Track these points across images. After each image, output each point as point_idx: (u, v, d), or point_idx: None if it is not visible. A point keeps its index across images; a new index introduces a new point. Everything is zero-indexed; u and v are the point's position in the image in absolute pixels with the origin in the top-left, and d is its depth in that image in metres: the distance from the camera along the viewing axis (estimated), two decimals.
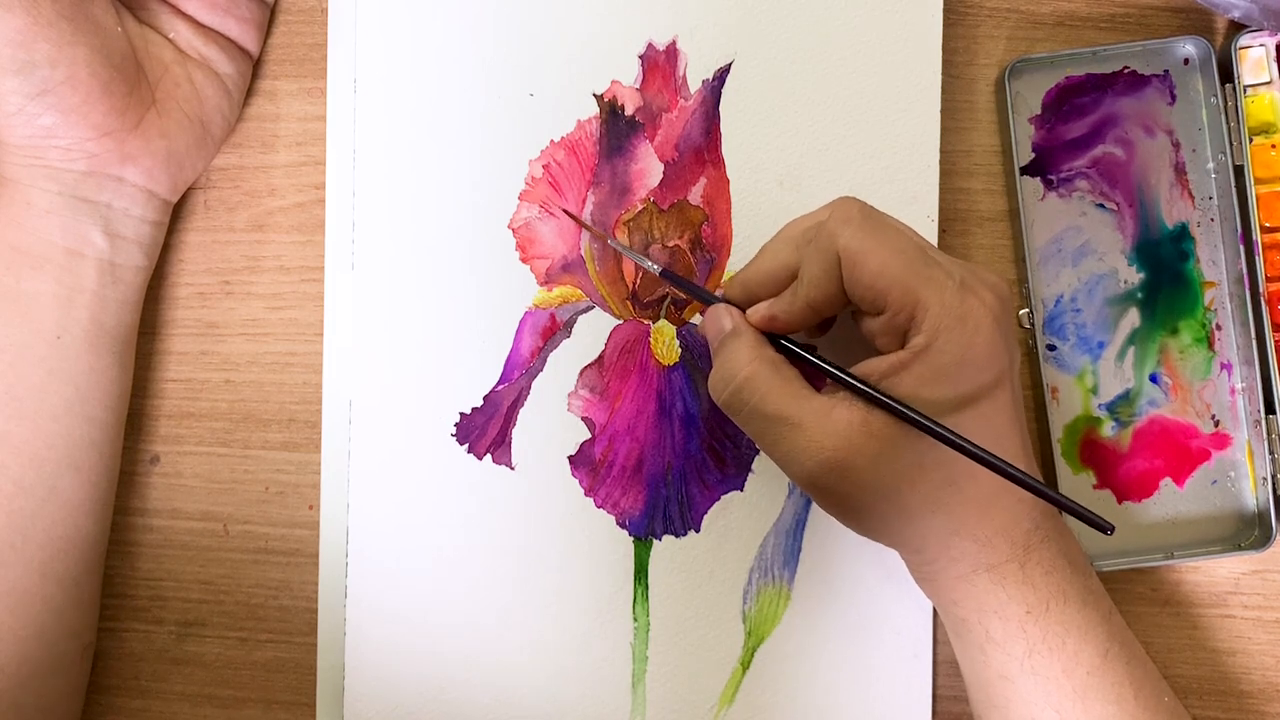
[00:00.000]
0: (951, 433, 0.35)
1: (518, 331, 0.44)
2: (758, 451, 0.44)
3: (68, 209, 0.41)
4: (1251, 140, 0.44)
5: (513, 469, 0.44)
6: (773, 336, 0.39)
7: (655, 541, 0.44)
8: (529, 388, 0.44)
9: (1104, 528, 0.34)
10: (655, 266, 0.41)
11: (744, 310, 0.39)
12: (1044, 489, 0.35)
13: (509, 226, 0.44)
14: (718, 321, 0.39)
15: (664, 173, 0.44)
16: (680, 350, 0.44)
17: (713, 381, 0.38)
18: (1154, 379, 0.45)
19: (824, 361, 0.37)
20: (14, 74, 0.38)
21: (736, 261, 0.44)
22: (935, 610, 0.44)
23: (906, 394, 0.35)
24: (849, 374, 0.36)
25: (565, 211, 0.44)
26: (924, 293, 0.35)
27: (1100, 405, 0.45)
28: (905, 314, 0.35)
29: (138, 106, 0.41)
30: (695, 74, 0.44)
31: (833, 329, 0.40)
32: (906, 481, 0.36)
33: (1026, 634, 0.37)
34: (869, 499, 0.36)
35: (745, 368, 0.37)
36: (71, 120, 0.39)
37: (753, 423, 0.37)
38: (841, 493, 0.36)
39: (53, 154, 0.40)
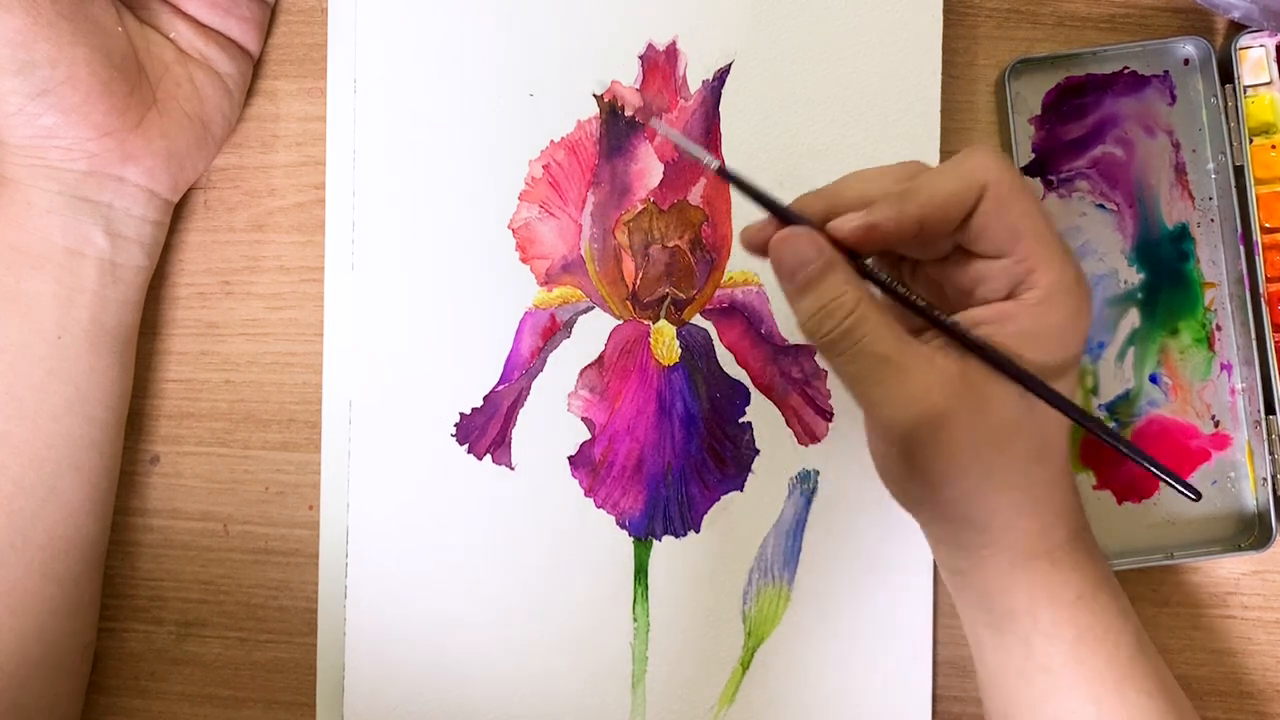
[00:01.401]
0: (1052, 392, 0.33)
1: (518, 332, 0.44)
2: (758, 452, 0.44)
3: (68, 209, 0.41)
4: (1251, 140, 0.44)
5: (513, 469, 0.44)
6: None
7: (655, 542, 0.44)
8: (529, 388, 0.44)
9: (1195, 495, 0.33)
10: (714, 161, 0.36)
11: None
12: (1151, 461, 0.34)
13: (509, 227, 0.44)
14: (804, 253, 0.34)
15: (664, 173, 0.44)
16: (680, 350, 0.44)
17: (815, 317, 0.34)
18: (1154, 379, 0.45)
19: (918, 299, 0.34)
20: (14, 74, 0.38)
21: (737, 262, 0.44)
22: (934, 614, 0.44)
23: (1005, 346, 0.34)
24: (943, 316, 0.34)
25: (650, 122, 0.41)
26: (1050, 251, 0.34)
27: (1100, 405, 0.45)
28: (1026, 266, 0.34)
29: (138, 106, 0.41)
30: (695, 74, 0.44)
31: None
32: (997, 446, 0.34)
33: (1077, 621, 0.36)
34: (957, 461, 0.34)
35: (856, 304, 0.34)
36: (72, 120, 0.39)
37: (856, 363, 0.34)
38: (931, 452, 0.34)
39: (53, 154, 0.40)
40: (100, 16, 0.40)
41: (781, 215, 0.35)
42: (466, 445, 0.44)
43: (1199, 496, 0.34)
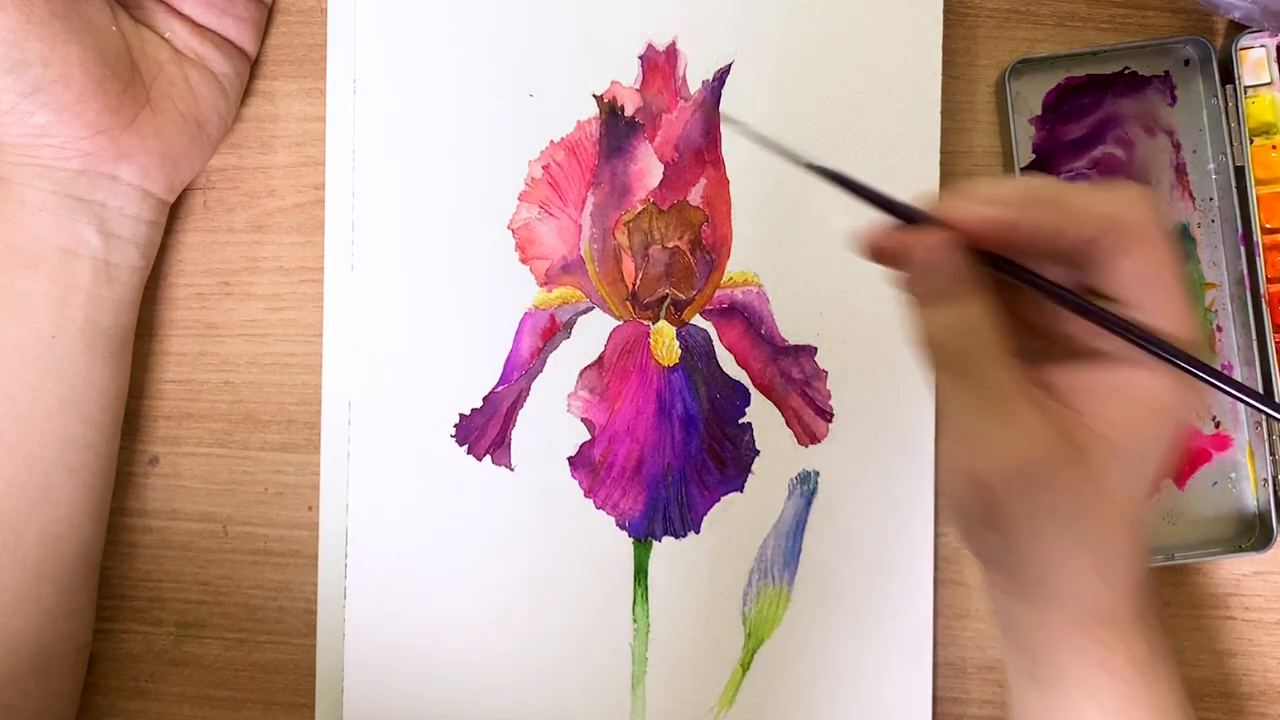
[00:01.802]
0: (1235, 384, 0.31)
1: (517, 332, 0.44)
2: (758, 453, 0.44)
3: (62, 207, 0.41)
4: (1252, 141, 0.43)
5: (512, 470, 0.44)
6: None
7: (655, 543, 0.44)
8: (529, 389, 0.44)
9: None
10: (803, 158, 0.32)
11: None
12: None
13: (509, 227, 0.44)
14: (945, 257, 0.30)
15: (664, 173, 0.44)
16: (680, 351, 0.44)
17: (945, 326, 0.31)
18: None
19: (1080, 299, 0.31)
20: (6, 72, 0.38)
21: (736, 262, 0.44)
22: (934, 614, 0.44)
23: (1138, 419, 0.31)
24: (1096, 305, 0.31)
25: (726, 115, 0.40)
26: (1183, 321, 0.31)
27: None
28: (1149, 319, 0.31)
29: (132, 105, 0.41)
30: (695, 74, 0.44)
31: None
32: (1091, 510, 0.31)
33: (1132, 692, 0.34)
34: (1046, 520, 0.31)
35: (992, 330, 0.30)
36: (65, 119, 0.39)
37: (973, 392, 0.31)
38: (1020, 504, 0.31)
39: (46, 152, 0.40)
40: (94, 15, 0.40)
41: (906, 215, 0.31)
42: (466, 446, 0.44)
43: None
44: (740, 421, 0.44)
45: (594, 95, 0.44)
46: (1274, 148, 0.44)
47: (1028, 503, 0.31)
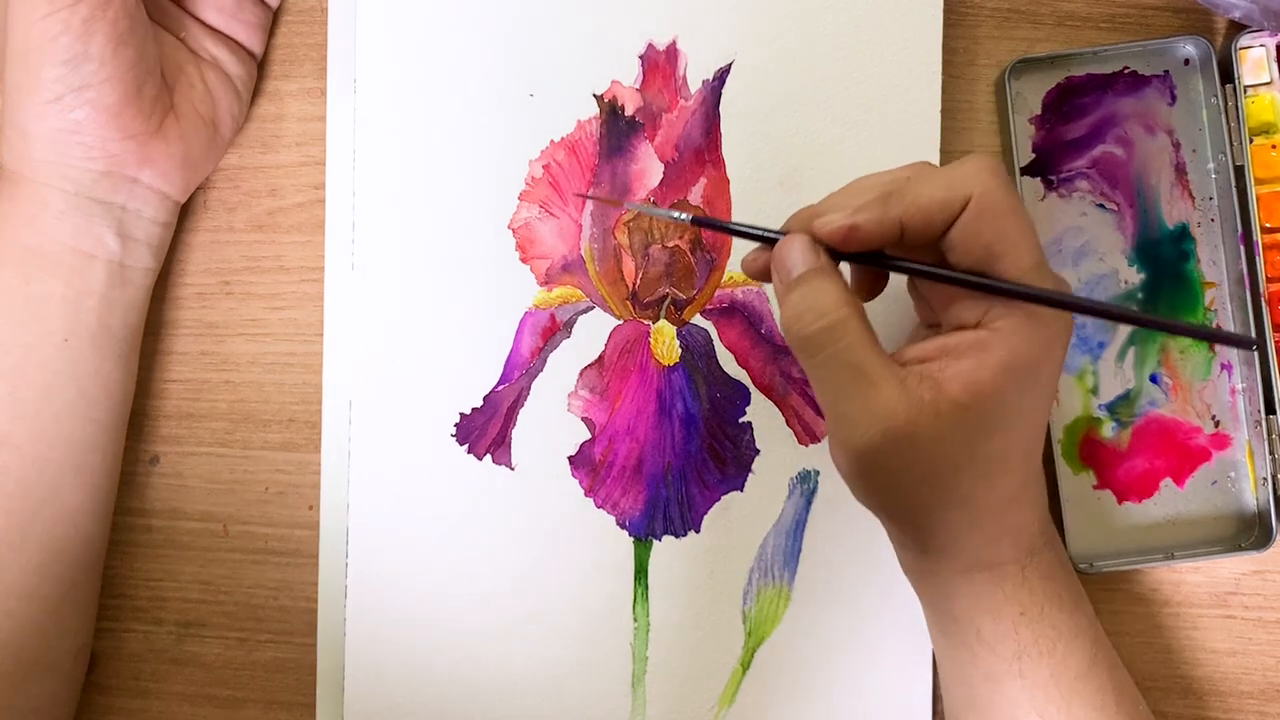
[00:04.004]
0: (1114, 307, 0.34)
1: (518, 332, 0.44)
2: (758, 452, 0.44)
3: (82, 210, 0.41)
4: (1252, 140, 0.44)
5: (513, 469, 0.44)
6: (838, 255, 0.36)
7: (655, 542, 0.44)
8: (529, 388, 0.44)
9: (1248, 344, 0.33)
10: (684, 216, 0.38)
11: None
12: (1178, 324, 0.35)
13: (509, 227, 0.44)
14: (796, 255, 0.35)
15: (664, 173, 0.44)
16: (680, 350, 0.44)
17: (796, 314, 0.35)
18: (1154, 379, 0.45)
19: (939, 268, 0.34)
20: (64, 63, 0.38)
21: (736, 262, 0.44)
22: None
23: (985, 379, 0.33)
24: (966, 274, 0.34)
25: (578, 195, 0.43)
26: (1035, 278, 0.34)
27: (1100, 405, 0.45)
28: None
29: (160, 110, 0.41)
30: (695, 74, 0.44)
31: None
32: (953, 471, 0.34)
33: (1018, 636, 0.36)
34: (911, 480, 0.34)
35: (840, 307, 0.34)
36: (103, 119, 0.39)
37: (830, 368, 0.34)
38: (888, 466, 0.34)
39: (75, 151, 0.40)
40: (146, 20, 0.40)
41: (772, 240, 0.36)
42: (466, 445, 0.44)
43: (1255, 344, 0.33)
44: (740, 421, 0.44)
45: (594, 95, 0.44)
46: (1274, 147, 0.44)
47: (886, 467, 0.34)
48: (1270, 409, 0.43)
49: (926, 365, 0.34)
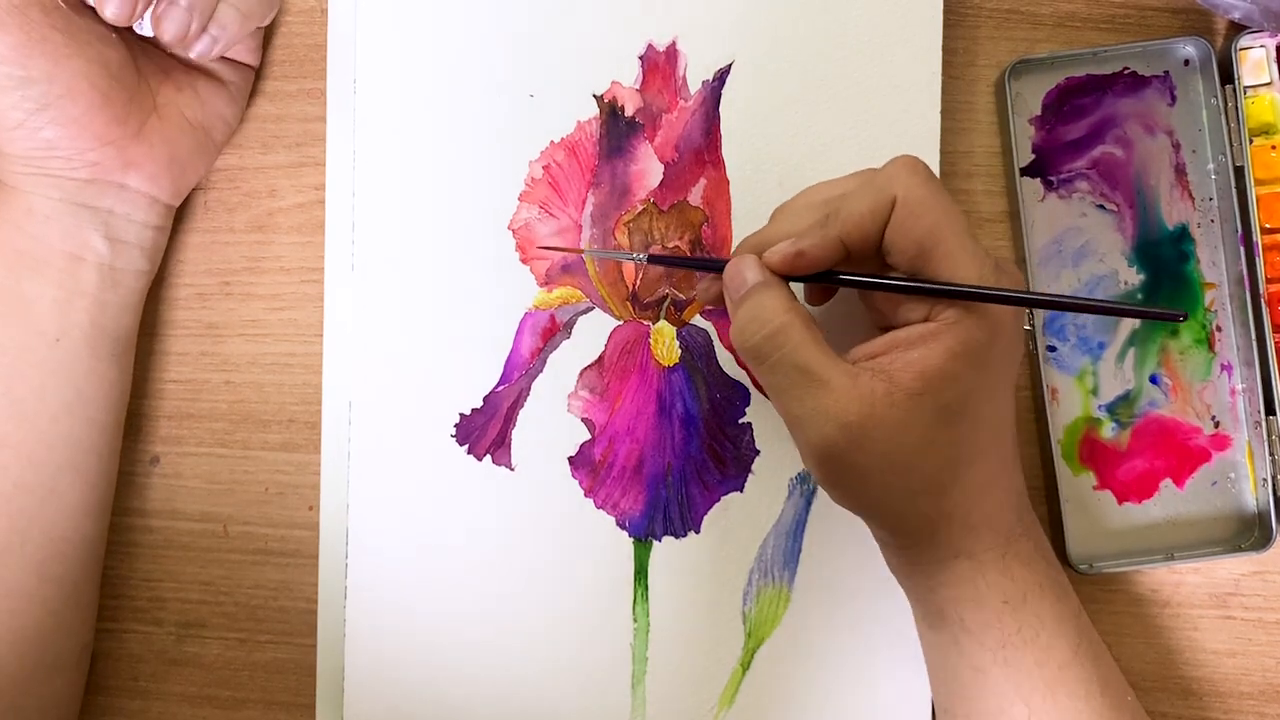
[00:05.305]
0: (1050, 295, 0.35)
1: (517, 332, 0.44)
2: (758, 452, 0.44)
3: (69, 215, 0.41)
4: (1252, 141, 0.44)
5: (512, 470, 0.44)
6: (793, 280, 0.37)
7: (655, 542, 0.44)
8: (529, 389, 0.44)
9: (1176, 317, 0.34)
10: (641, 256, 0.40)
11: None
12: (1113, 304, 0.36)
13: (509, 227, 0.44)
14: (743, 273, 0.37)
15: (664, 173, 0.44)
16: (680, 351, 0.44)
17: (741, 325, 0.36)
18: (1154, 380, 0.45)
19: (880, 277, 0.36)
20: (12, 90, 0.38)
21: None
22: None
23: (935, 365, 0.34)
24: (910, 280, 0.35)
25: (541, 248, 0.44)
26: (966, 263, 0.34)
27: (1100, 406, 0.45)
28: (943, 280, 0.35)
29: (139, 114, 0.41)
30: (695, 74, 0.44)
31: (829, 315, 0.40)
32: (916, 458, 0.35)
33: (1002, 624, 0.37)
34: (875, 472, 0.35)
35: (782, 314, 0.36)
36: (72, 132, 0.39)
37: (778, 373, 0.36)
38: (851, 462, 0.35)
39: (55, 163, 0.40)
40: (94, 27, 0.40)
41: (713, 269, 0.39)
42: (466, 446, 0.44)
43: (1185, 316, 0.35)
44: (740, 421, 0.44)
45: (594, 95, 0.44)
46: (1274, 148, 0.44)
47: (846, 463, 0.35)
48: (1270, 410, 0.43)
49: (877, 360, 0.35)
